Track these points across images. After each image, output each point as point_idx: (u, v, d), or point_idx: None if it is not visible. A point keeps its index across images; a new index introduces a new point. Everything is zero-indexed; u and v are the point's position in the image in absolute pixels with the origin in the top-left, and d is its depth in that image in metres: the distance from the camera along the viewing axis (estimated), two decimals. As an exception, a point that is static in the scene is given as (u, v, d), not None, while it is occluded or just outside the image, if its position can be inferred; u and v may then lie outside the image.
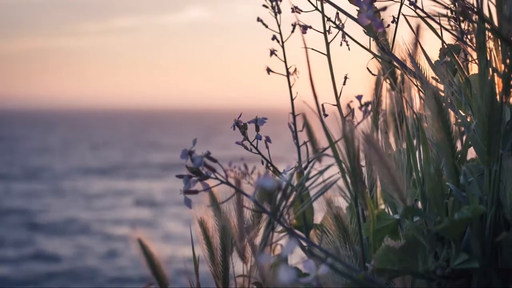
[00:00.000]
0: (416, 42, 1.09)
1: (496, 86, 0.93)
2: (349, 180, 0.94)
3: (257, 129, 1.08)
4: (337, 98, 1.02)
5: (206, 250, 1.09)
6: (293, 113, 1.18)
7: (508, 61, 0.93)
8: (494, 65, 0.97)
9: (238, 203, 0.85)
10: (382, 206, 1.15)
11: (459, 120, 1.01)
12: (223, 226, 1.02)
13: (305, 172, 1.06)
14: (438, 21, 1.07)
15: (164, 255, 1.17)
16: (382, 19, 0.93)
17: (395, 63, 1.03)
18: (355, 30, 1.05)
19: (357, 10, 0.95)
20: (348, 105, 1.03)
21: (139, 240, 1.15)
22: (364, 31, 1.05)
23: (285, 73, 1.16)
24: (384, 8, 0.91)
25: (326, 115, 0.99)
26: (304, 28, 0.94)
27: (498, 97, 0.92)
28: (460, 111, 1.01)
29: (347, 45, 1.04)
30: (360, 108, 1.05)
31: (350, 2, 1.01)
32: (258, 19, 1.11)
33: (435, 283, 0.94)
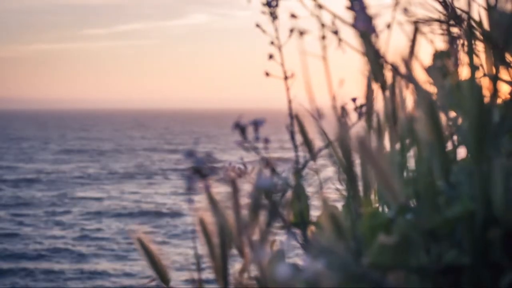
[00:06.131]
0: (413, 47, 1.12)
1: (486, 89, 0.96)
2: (344, 179, 0.97)
3: (256, 130, 1.10)
4: (333, 101, 1.06)
5: (206, 246, 1.11)
6: (290, 115, 1.21)
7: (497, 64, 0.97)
8: (484, 68, 1.00)
9: (235, 201, 0.88)
10: (377, 204, 1.18)
11: (450, 122, 1.04)
12: (221, 223, 1.05)
13: (302, 171, 1.09)
14: (430, 26, 1.10)
15: (166, 252, 1.21)
16: (374, 24, 0.97)
17: (388, 66, 1.06)
18: (350, 34, 1.08)
19: (353, 16, 0.98)
20: (343, 107, 1.07)
21: (139, 240, 1.19)
22: (359, 35, 1.08)
23: (283, 77, 1.20)
24: (378, 14, 0.95)
25: (321, 117, 1.02)
26: (301, 33, 0.98)
27: (487, 99, 0.95)
28: (451, 112, 1.04)
29: (342, 49, 1.07)
30: (354, 110, 1.08)
31: (347, 9, 1.04)
32: (257, 25, 1.14)
33: (428, 278, 0.97)
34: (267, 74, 1.19)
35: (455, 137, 1.11)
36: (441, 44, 1.14)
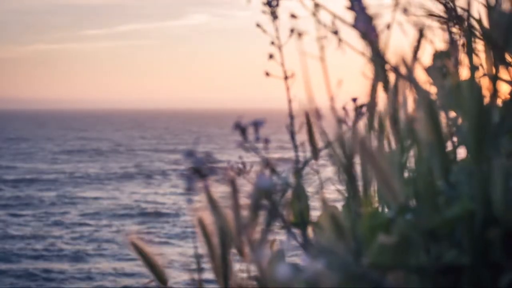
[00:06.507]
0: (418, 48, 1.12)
1: (485, 89, 0.96)
2: (344, 179, 0.97)
3: (256, 130, 1.10)
4: (333, 101, 1.06)
5: (206, 247, 1.12)
6: (290, 115, 1.21)
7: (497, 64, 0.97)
8: (483, 68, 1.00)
9: (234, 201, 0.88)
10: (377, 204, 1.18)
11: (450, 122, 1.04)
12: (221, 223, 1.05)
13: (302, 171, 1.09)
14: (430, 26, 1.10)
15: (166, 252, 1.21)
16: (375, 25, 0.97)
17: (388, 66, 1.07)
18: (351, 34, 1.08)
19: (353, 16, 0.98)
20: (344, 108, 1.07)
21: (133, 243, 1.19)
22: (360, 35, 1.08)
23: (283, 77, 1.20)
24: (378, 15, 0.95)
25: (321, 118, 1.02)
26: (299, 34, 0.98)
27: (487, 99, 0.96)
28: (451, 113, 1.05)
29: (342, 50, 1.08)
30: (355, 110, 1.08)
31: (347, 9, 1.04)
32: (258, 25, 1.14)
33: (428, 278, 0.97)
34: (267, 74, 1.19)
35: (455, 137, 1.12)
36: (441, 44, 1.14)
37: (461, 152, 1.08)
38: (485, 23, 1.01)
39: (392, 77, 1.07)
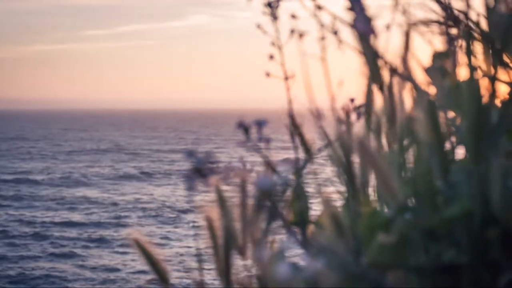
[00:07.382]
0: (407, 47, 1.13)
1: (484, 89, 0.97)
2: (343, 179, 0.98)
3: (258, 130, 1.11)
4: (332, 101, 1.06)
5: (210, 246, 1.12)
6: (290, 115, 1.21)
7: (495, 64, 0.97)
8: (482, 69, 1.01)
9: (242, 200, 0.89)
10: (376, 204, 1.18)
11: (449, 122, 1.05)
12: (228, 223, 1.06)
13: (302, 171, 1.09)
14: (429, 27, 1.11)
15: (167, 252, 1.22)
16: (373, 25, 0.97)
17: (387, 67, 1.07)
18: (350, 35, 1.09)
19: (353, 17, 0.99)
20: (343, 108, 1.07)
21: (136, 242, 1.19)
22: (359, 36, 1.09)
23: (283, 77, 1.20)
24: (377, 15, 0.95)
25: (321, 118, 1.03)
26: (300, 35, 0.99)
27: (485, 99, 0.96)
28: (450, 113, 1.05)
29: (342, 50, 1.08)
30: (354, 110, 1.08)
31: (347, 10, 1.04)
32: (258, 26, 1.14)
33: (427, 277, 0.97)
34: (267, 74, 1.20)
35: (453, 137, 1.12)
36: (440, 45, 1.14)
37: (460, 152, 1.08)
38: (484, 24, 1.02)
39: (389, 77, 1.07)
